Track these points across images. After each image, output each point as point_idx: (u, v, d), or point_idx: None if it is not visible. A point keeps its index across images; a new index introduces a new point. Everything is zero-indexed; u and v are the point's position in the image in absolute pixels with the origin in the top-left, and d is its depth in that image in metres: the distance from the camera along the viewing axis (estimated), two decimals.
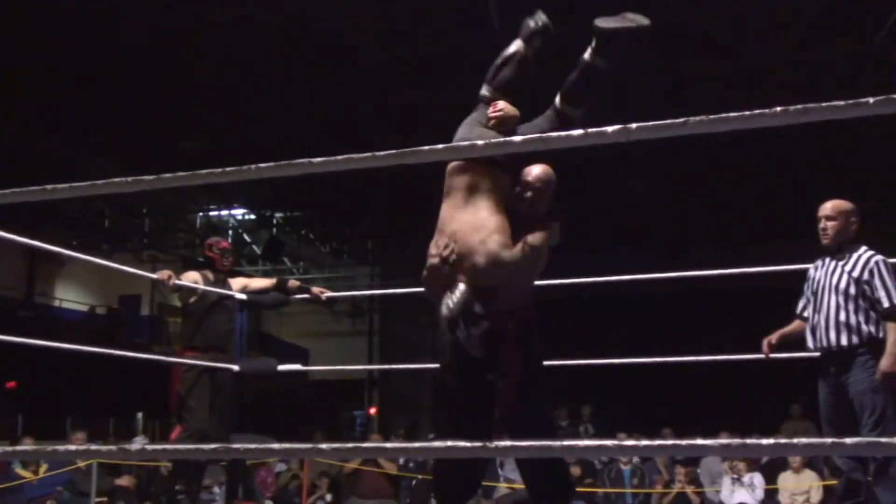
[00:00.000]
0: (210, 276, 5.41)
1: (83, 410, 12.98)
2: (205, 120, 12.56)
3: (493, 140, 2.02)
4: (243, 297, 5.48)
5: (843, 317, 4.09)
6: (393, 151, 1.76)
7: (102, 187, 1.99)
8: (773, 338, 4.41)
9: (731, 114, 1.55)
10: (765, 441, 1.53)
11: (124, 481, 7.87)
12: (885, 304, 4.01)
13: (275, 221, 18.05)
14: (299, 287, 5.72)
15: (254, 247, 18.60)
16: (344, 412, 20.87)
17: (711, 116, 1.56)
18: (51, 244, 5.64)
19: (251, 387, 17.12)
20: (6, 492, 6.94)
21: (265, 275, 18.83)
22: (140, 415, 15.87)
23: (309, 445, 3.88)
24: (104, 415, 14.69)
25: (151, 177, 1.93)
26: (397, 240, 18.42)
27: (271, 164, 1.83)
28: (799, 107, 1.50)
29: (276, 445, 3.28)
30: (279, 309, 5.60)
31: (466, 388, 3.59)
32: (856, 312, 4.07)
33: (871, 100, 1.48)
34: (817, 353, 4.25)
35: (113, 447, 3.72)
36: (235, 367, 5.28)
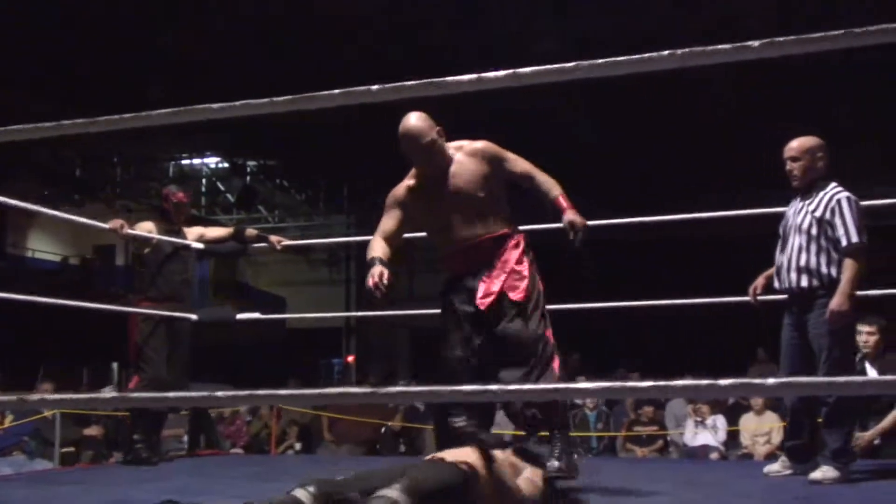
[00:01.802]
0: (165, 226, 5.36)
1: (56, 361, 12.94)
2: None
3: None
4: (200, 246, 5.44)
5: (804, 259, 4.06)
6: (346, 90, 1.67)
7: (50, 129, 1.85)
8: (759, 283, 4.38)
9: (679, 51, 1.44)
10: (687, 382, 1.50)
11: (92, 431, 7.88)
12: (844, 242, 3.96)
13: (248, 170, 17.94)
14: (256, 236, 5.68)
15: (228, 195, 18.49)
16: (321, 361, 20.94)
17: (659, 53, 1.45)
18: (21, 195, 5.60)
19: (226, 336, 17.19)
20: None
21: (239, 223, 18.77)
22: (115, 364, 15.86)
23: (268, 392, 3.85)
24: (78, 365, 14.68)
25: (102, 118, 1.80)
26: (373, 188, 18.35)
27: (228, 104, 1.73)
28: (756, 43, 1.42)
29: (237, 393, 3.27)
30: (236, 258, 5.58)
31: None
32: (817, 254, 4.04)
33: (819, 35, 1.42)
34: (783, 296, 4.23)
35: (70, 395, 3.71)
36: (193, 317, 5.26)
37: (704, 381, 1.43)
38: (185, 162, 17.77)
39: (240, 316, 5.48)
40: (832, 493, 3.64)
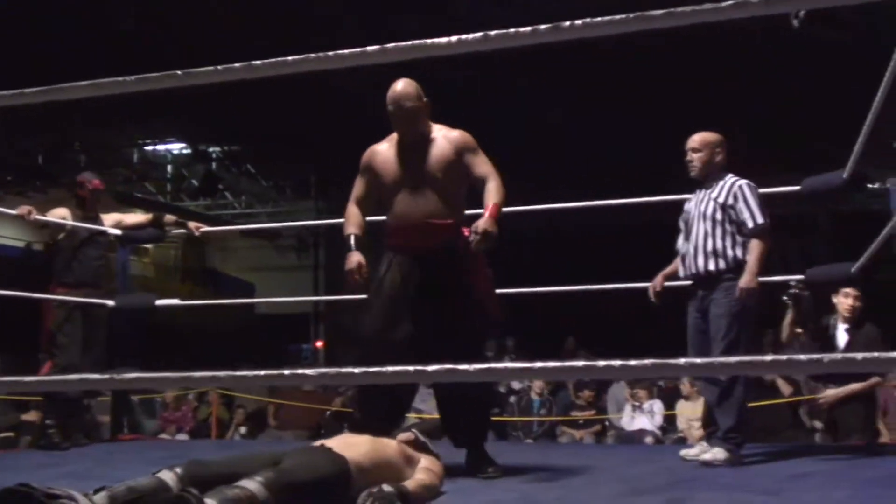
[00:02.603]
0: (80, 213, 5.37)
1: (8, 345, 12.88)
2: None
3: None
4: (116, 232, 5.46)
5: (710, 243, 4.17)
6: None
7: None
8: (657, 282, 4.47)
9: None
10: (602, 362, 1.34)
11: (31, 416, 7.89)
12: (750, 224, 4.10)
13: (214, 156, 17.88)
14: (175, 222, 5.71)
15: (193, 182, 18.43)
16: (290, 346, 20.95)
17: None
18: None
19: (196, 322, 17.12)
20: None
21: (206, 209, 18.75)
22: None
23: (207, 374, 3.87)
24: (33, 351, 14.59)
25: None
26: (340, 173, 18.32)
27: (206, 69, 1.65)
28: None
29: (155, 375, 3.27)
30: (155, 243, 5.59)
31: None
32: (723, 238, 4.16)
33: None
34: (688, 282, 4.33)
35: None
36: (110, 303, 5.28)
37: (613, 362, 1.30)
38: (148, 148, 17.67)
39: (159, 302, 5.50)
40: (712, 474, 3.71)
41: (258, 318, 19.89)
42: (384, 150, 3.80)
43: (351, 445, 3.08)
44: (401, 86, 3.70)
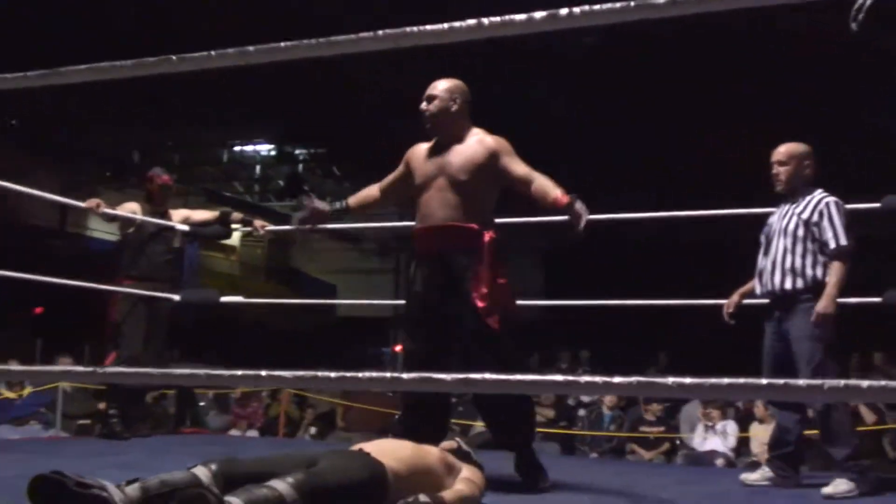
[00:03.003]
0: (149, 207, 5.47)
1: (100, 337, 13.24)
2: None
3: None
4: (184, 228, 5.54)
5: (789, 261, 4.00)
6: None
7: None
8: (733, 300, 4.31)
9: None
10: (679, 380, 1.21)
11: (103, 406, 8.07)
12: (832, 244, 3.91)
13: (300, 158, 18.14)
14: (241, 220, 5.76)
15: (280, 182, 18.74)
16: (370, 349, 21.09)
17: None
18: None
19: (280, 322, 17.35)
20: None
21: (292, 210, 18.99)
22: None
23: (257, 372, 3.88)
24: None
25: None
26: None
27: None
28: None
29: (221, 372, 3.29)
30: (220, 240, 5.64)
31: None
32: (803, 256, 3.98)
33: None
34: (765, 300, 4.16)
35: (65, 368, 3.86)
36: (175, 297, 5.35)
37: (596, 378, 1.23)
38: (237, 149, 18.03)
39: (224, 299, 5.55)
40: (763, 500, 3.54)
41: (339, 320, 20.09)
42: (422, 149, 3.76)
43: (390, 451, 3.01)
44: (436, 83, 3.68)
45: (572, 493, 3.55)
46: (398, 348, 20.56)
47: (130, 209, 5.39)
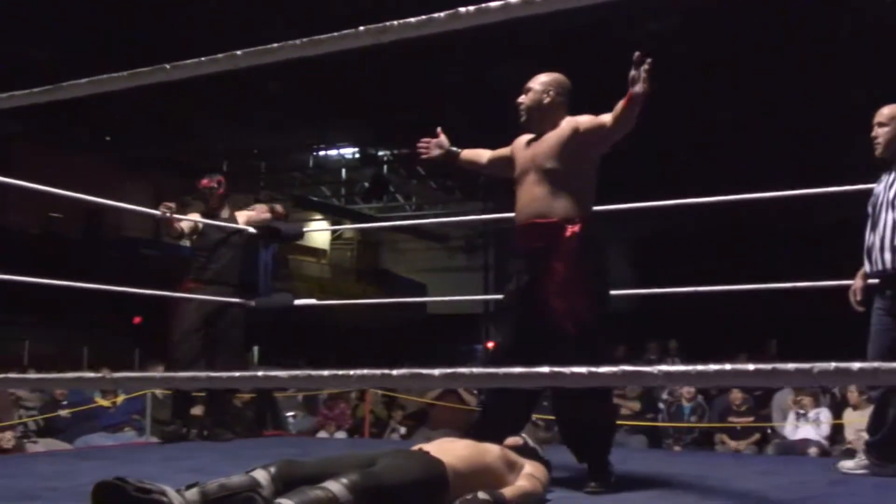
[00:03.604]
0: (204, 210, 5.60)
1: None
2: None
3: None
4: (250, 230, 5.63)
5: None
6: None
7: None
8: (858, 287, 3.89)
9: None
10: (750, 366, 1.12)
11: (197, 410, 8.24)
12: None
13: (385, 159, 18.30)
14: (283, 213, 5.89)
15: (365, 185, 18.97)
16: (461, 347, 21.16)
17: None
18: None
19: (368, 320, 17.50)
20: (85, 419, 7.42)
21: (378, 212, 19.20)
22: (256, 349, 16.52)
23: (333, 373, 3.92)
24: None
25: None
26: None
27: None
28: None
29: (285, 373, 3.34)
30: (293, 241, 5.68)
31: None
32: None
33: None
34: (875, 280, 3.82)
35: (149, 375, 3.96)
36: (250, 303, 5.45)
37: (580, 369, 1.21)
38: (321, 153, 18.30)
39: (298, 302, 5.63)
40: (847, 492, 3.39)
41: (429, 318, 20.21)
42: (523, 140, 3.70)
43: (449, 450, 2.99)
44: (536, 77, 3.63)
45: (642, 489, 3.47)
46: (490, 345, 20.64)
47: (194, 216, 5.52)
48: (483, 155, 3.98)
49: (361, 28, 1.38)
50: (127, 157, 16.86)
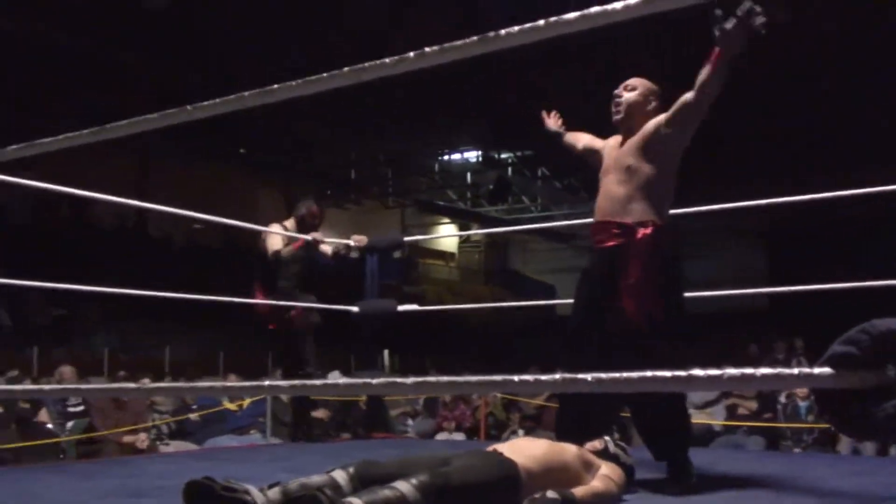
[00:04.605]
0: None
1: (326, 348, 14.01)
2: None
3: None
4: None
5: None
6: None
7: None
8: None
9: None
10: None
11: (320, 413, 8.55)
12: None
13: (508, 161, 18.40)
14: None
15: (490, 187, 19.12)
16: None
17: None
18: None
19: (496, 321, 17.59)
20: (213, 422, 7.83)
21: (505, 213, 19.30)
22: (386, 351, 16.88)
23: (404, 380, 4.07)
24: (346, 352, 15.82)
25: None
26: None
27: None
28: None
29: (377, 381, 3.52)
30: (395, 251, 5.76)
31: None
32: None
33: None
34: None
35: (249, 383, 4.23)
36: (353, 309, 5.67)
37: (527, 377, 1.32)
38: (445, 158, 18.55)
39: (401, 308, 5.79)
40: None
41: (560, 319, 20.17)
42: (613, 140, 3.71)
43: (523, 450, 3.05)
44: (635, 79, 3.66)
45: (720, 489, 3.47)
46: None
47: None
48: (581, 139, 4.02)
49: (348, 69, 1.52)
50: (258, 167, 17.53)
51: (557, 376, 1.20)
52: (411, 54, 1.55)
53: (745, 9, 3.03)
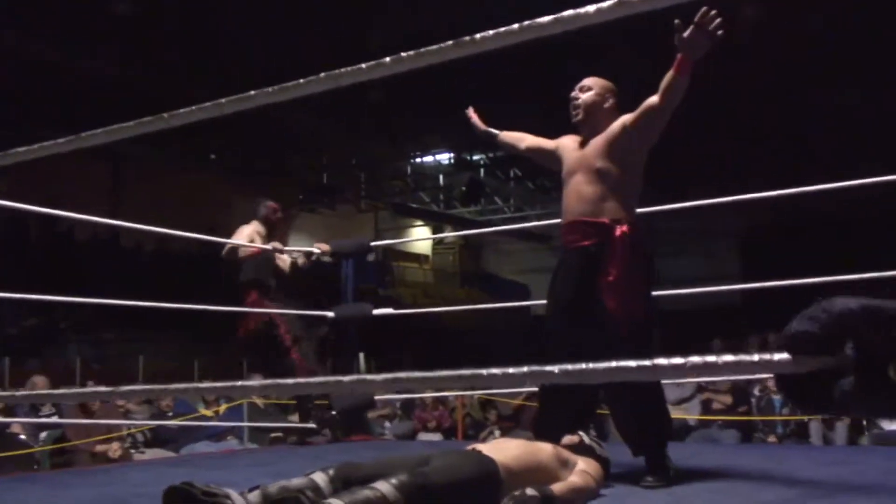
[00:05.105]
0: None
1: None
2: None
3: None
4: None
5: None
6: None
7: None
8: None
9: None
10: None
11: (295, 418, 8.53)
12: None
13: (480, 163, 18.46)
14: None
15: (463, 188, 19.17)
16: None
17: None
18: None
19: (472, 323, 17.61)
20: (190, 429, 7.79)
21: (478, 215, 19.36)
22: (361, 355, 16.88)
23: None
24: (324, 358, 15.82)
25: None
26: None
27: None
28: None
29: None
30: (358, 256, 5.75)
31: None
32: None
33: None
34: None
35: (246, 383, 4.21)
36: (329, 314, 5.67)
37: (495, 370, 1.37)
38: (418, 160, 18.58)
39: (376, 311, 5.79)
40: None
41: (534, 319, 20.24)
42: (573, 141, 3.72)
43: (502, 448, 3.07)
44: (588, 79, 3.68)
45: (700, 481, 3.50)
46: None
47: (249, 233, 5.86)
48: (523, 139, 4.00)
49: (324, 75, 1.53)
50: (232, 172, 17.48)
51: (525, 369, 1.22)
52: (387, 59, 1.56)
53: (702, 15, 3.11)
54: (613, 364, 1.18)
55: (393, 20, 11.48)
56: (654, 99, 3.41)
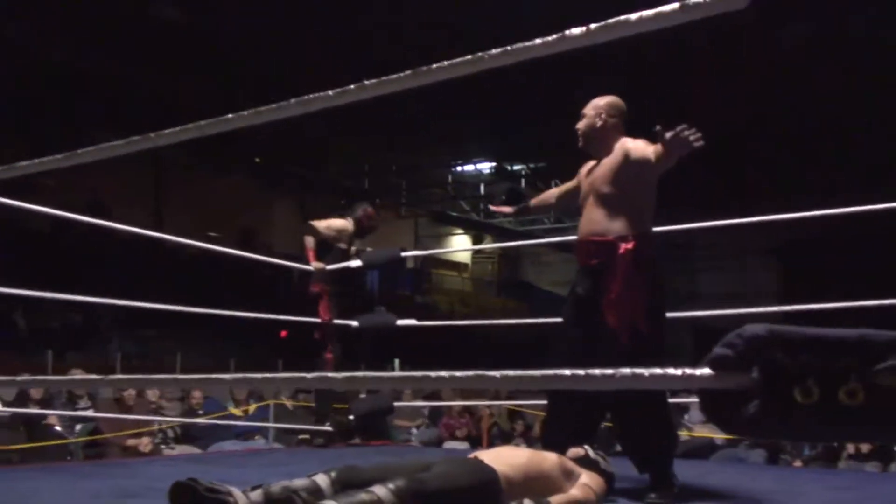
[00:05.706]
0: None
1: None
2: None
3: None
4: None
5: None
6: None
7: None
8: None
9: None
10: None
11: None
12: None
13: (521, 173, 18.48)
14: None
15: (503, 198, 19.16)
16: None
17: None
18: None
19: (506, 333, 17.67)
20: (219, 427, 7.92)
21: (518, 225, 19.36)
22: (396, 362, 16.97)
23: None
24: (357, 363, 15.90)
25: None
26: None
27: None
28: None
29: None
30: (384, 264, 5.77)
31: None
32: None
33: None
34: None
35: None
36: (353, 323, 5.76)
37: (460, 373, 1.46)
38: (458, 169, 18.64)
39: (400, 322, 5.85)
40: None
41: None
42: (587, 166, 3.82)
43: (505, 457, 3.10)
44: (589, 103, 3.74)
45: (703, 501, 3.52)
46: None
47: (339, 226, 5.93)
48: (551, 195, 4.16)
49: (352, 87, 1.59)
50: (273, 177, 17.68)
51: (536, 372, 1.28)
52: (433, 66, 1.59)
53: (680, 131, 3.19)
54: (551, 372, 1.23)
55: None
56: (650, 156, 3.45)
